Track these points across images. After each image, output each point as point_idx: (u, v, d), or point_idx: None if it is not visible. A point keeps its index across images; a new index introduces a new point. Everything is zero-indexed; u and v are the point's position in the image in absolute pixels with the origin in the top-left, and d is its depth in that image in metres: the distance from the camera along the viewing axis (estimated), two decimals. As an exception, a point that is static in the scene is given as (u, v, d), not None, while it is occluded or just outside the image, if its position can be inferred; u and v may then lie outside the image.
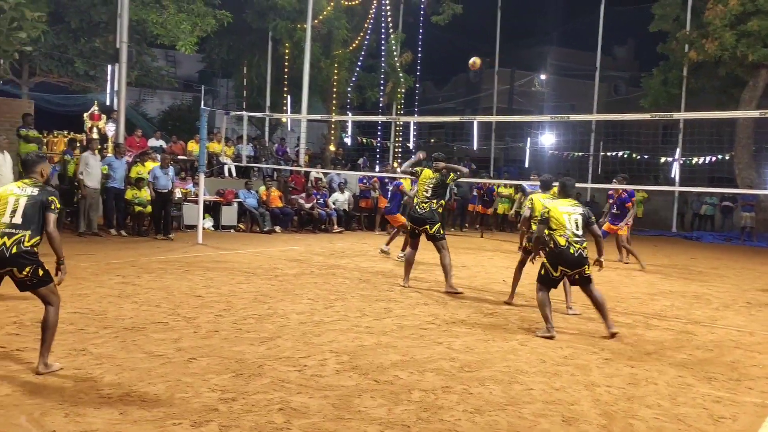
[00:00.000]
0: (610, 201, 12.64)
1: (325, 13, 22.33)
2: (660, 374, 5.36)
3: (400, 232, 12.64)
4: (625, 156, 24.15)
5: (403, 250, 12.13)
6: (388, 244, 12.60)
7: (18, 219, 4.64)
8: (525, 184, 15.31)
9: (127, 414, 3.90)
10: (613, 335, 6.42)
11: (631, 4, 28.35)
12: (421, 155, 9.69)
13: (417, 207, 8.79)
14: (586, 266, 6.47)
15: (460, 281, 9.26)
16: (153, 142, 17.62)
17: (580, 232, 6.49)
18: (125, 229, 13.46)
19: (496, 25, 29.28)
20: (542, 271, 6.64)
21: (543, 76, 38.89)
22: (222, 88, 31.89)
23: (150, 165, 13.94)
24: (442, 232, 8.70)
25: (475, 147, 29.82)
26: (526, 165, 29.39)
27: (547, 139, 31.70)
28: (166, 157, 13.55)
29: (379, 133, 26.84)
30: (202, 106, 13.73)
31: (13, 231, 4.61)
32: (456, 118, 13.67)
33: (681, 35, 22.63)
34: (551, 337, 6.33)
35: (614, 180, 12.58)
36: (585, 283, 6.53)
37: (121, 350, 5.21)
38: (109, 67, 18.09)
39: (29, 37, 13.73)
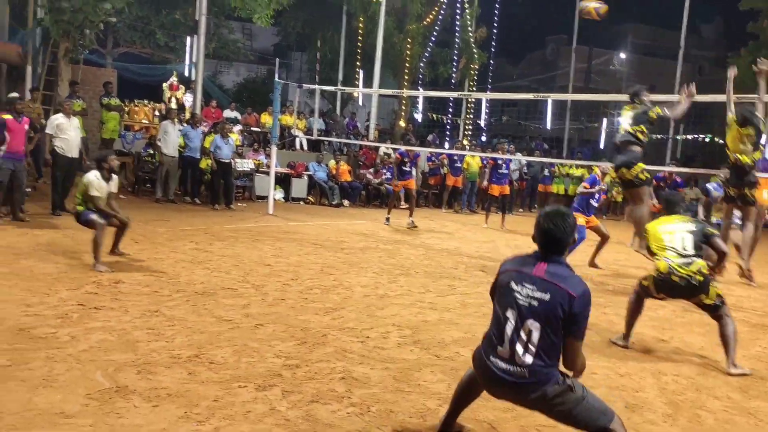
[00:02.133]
0: None
1: (400, -14, 22.17)
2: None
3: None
4: (707, 140, 23.15)
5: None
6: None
7: None
8: (711, 186, 12.61)
9: (195, 374, 4.05)
10: (729, 374, 4.99)
11: (720, -20, 27.00)
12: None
13: None
14: (704, 295, 5.11)
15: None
16: (228, 113, 18.01)
17: (689, 252, 5.14)
18: (199, 197, 13.86)
19: (575, 1, 28.36)
20: (646, 283, 5.39)
21: (622, 55, 37.57)
22: (296, 62, 32.23)
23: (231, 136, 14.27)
24: None
25: (548, 126, 29.17)
26: (601, 146, 28.56)
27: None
28: (225, 126, 13.82)
29: (450, 110, 26.59)
30: (276, 79, 13.88)
31: None
32: (530, 96, 13.37)
33: (774, 12, 21.43)
34: (625, 347, 5.45)
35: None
36: (712, 310, 5.18)
37: (192, 313, 5.40)
38: (188, 39, 18.52)
39: (114, 8, 14.18)
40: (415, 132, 25.26)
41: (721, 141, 22.36)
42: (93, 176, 7.19)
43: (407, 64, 23.69)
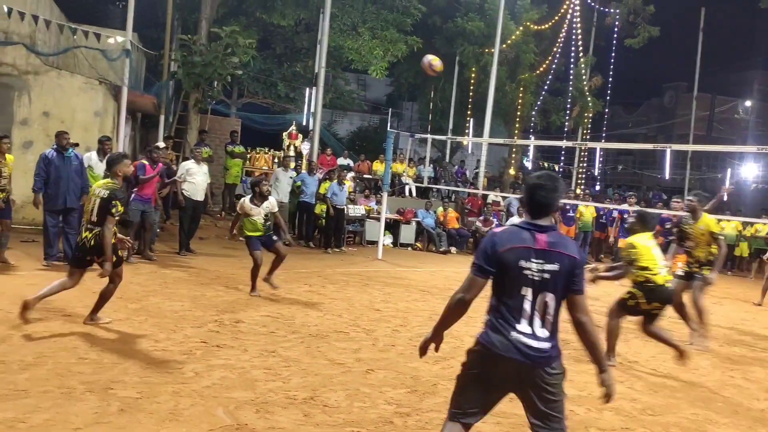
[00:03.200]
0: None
1: (513, 37, 22.29)
2: None
3: None
4: None
5: None
6: None
7: (94, 217, 5.84)
8: None
9: (311, 416, 4.16)
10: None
11: None
12: None
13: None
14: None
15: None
16: (341, 161, 18.60)
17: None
18: (313, 241, 14.29)
19: (697, 47, 27.42)
20: (632, 302, 6.10)
21: (748, 103, 35.73)
22: (407, 111, 32.90)
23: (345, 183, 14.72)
24: None
25: (666, 176, 28.05)
26: (725, 198, 27.08)
27: (750, 171, 29.01)
28: (341, 173, 14.28)
29: (561, 158, 26.17)
30: (389, 128, 14.29)
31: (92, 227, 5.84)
32: (649, 146, 13.00)
33: None
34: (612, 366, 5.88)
35: None
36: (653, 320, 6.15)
37: (307, 355, 5.55)
38: (307, 90, 19.42)
39: (241, 61, 15.15)
40: (525, 180, 25.01)
41: None
42: (245, 200, 8.33)
43: (518, 113, 23.64)
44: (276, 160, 17.17)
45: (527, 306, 3.00)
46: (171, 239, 12.06)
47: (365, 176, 18.26)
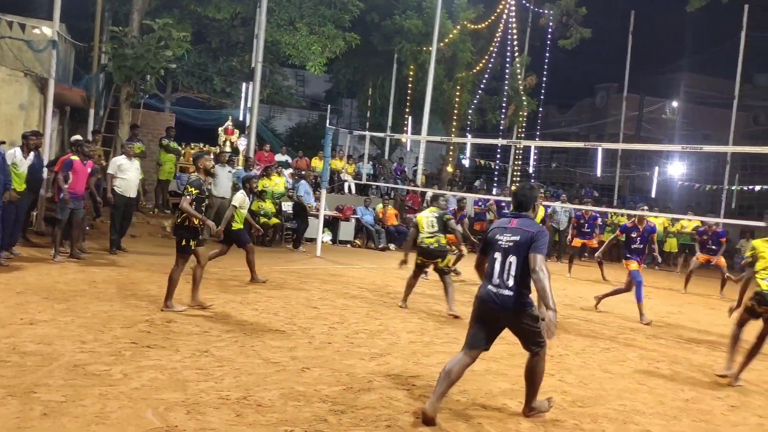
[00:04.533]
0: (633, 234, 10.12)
1: (450, 36, 22.52)
2: (794, 429, 4.95)
3: None
4: (763, 190, 22.51)
5: None
6: None
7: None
8: None
9: (243, 416, 4.09)
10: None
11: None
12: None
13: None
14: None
15: (578, 312, 8.99)
16: (279, 157, 18.41)
17: None
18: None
19: (627, 49, 28.32)
20: (750, 303, 6.15)
21: (675, 104, 37.11)
22: (346, 108, 32.80)
23: (275, 179, 14.57)
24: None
25: (598, 174, 28.87)
26: (653, 195, 28.08)
27: (677, 169, 30.15)
28: (310, 174, 14.26)
29: (498, 156, 26.61)
30: (328, 125, 14.21)
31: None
32: (580, 144, 13.29)
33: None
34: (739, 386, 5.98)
35: None
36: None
37: (240, 354, 5.46)
38: (244, 85, 19.13)
39: (174, 54, 14.77)
40: (463, 177, 25.35)
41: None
42: (242, 193, 9.25)
43: (456, 111, 23.91)
44: (211, 156, 16.82)
45: (497, 266, 4.46)
46: (101, 237, 11.69)
47: (303, 173, 18.11)
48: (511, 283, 4.35)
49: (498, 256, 4.45)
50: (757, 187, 23.00)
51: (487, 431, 4.25)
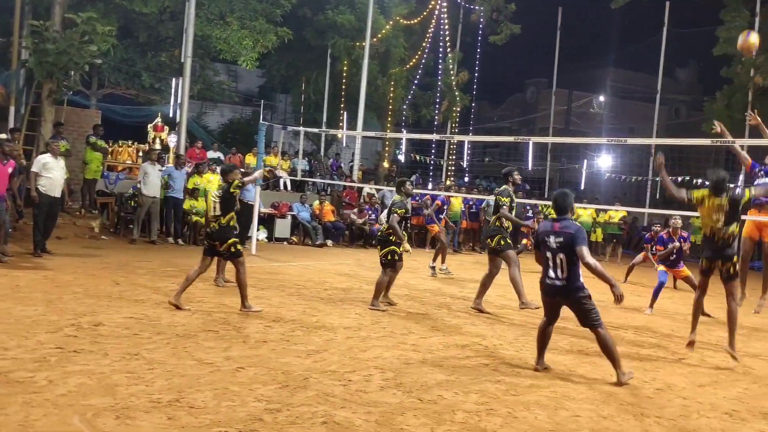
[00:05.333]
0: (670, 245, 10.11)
1: (383, 31, 22.59)
2: (713, 408, 5.18)
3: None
4: (685, 181, 23.49)
5: (434, 261, 12.22)
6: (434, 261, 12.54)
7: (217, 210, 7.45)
8: None
9: (175, 419, 4.00)
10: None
11: (694, 26, 27.72)
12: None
13: None
14: None
15: (510, 302, 9.19)
16: (211, 154, 18.08)
17: None
18: (182, 238, 13.79)
19: (555, 45, 29.04)
20: None
21: (601, 98, 38.32)
22: (280, 103, 32.51)
23: (208, 176, 14.31)
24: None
25: (529, 167, 29.53)
26: (582, 187, 28.91)
27: (604, 162, 31.15)
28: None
29: (432, 151, 26.89)
30: (261, 121, 14.03)
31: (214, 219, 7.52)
32: (511, 138, 13.53)
33: (747, 59, 21.96)
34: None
35: None
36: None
37: (173, 356, 5.34)
38: (174, 81, 18.68)
39: (99, 50, 14.28)
40: (399, 173, 25.50)
41: (699, 181, 22.77)
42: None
43: (390, 107, 24.03)
44: (141, 154, 16.40)
45: (550, 262, 5.62)
46: (25, 239, 11.21)
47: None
48: (561, 275, 5.55)
49: (549, 254, 5.59)
50: (680, 178, 23.96)
51: (423, 423, 4.28)
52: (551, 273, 5.61)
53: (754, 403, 5.42)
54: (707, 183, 6.93)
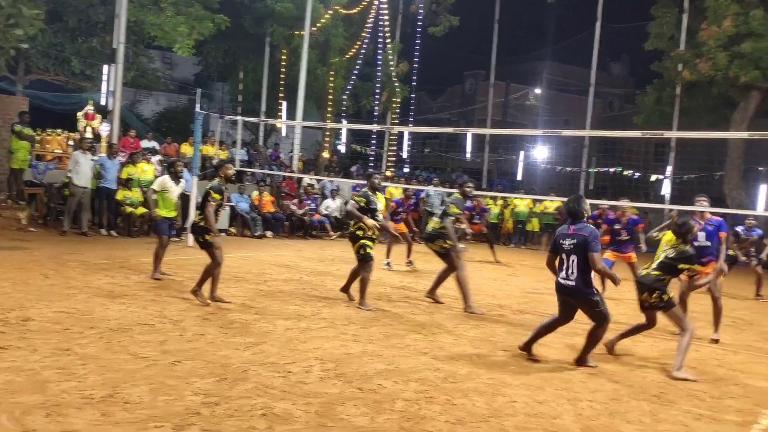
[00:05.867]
0: (617, 226, 10.23)
1: (323, 20, 22.41)
2: (643, 391, 5.39)
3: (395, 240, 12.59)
4: (617, 172, 24.24)
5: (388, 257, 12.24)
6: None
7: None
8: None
9: (109, 415, 3.90)
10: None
11: (627, 21, 28.55)
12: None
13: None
14: None
15: (450, 292, 9.30)
16: (146, 143, 17.61)
17: None
18: (116, 230, 13.41)
19: (493, 38, 29.44)
20: None
21: (538, 91, 39.07)
22: (218, 92, 31.93)
23: (142, 166, 13.95)
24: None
25: (468, 158, 29.93)
26: (519, 178, 29.48)
27: (540, 153, 31.82)
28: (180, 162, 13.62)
29: (373, 142, 26.90)
30: (197, 109, 13.72)
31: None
32: (450, 129, 13.66)
33: (675, 54, 22.79)
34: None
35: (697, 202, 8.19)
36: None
37: (106, 351, 5.20)
38: (105, 67, 18.06)
39: (26, 34, 13.70)
40: (339, 163, 25.43)
41: (626, 172, 23.46)
42: (165, 177, 9.17)
43: (330, 97, 23.90)
44: (71, 143, 15.82)
45: (564, 263, 5.84)
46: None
47: (172, 159, 17.45)
48: (573, 275, 5.76)
49: (564, 256, 5.85)
50: (612, 169, 24.72)
51: (363, 412, 4.31)
52: (563, 273, 5.84)
53: (680, 385, 5.66)
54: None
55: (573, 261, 5.74)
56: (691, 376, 5.87)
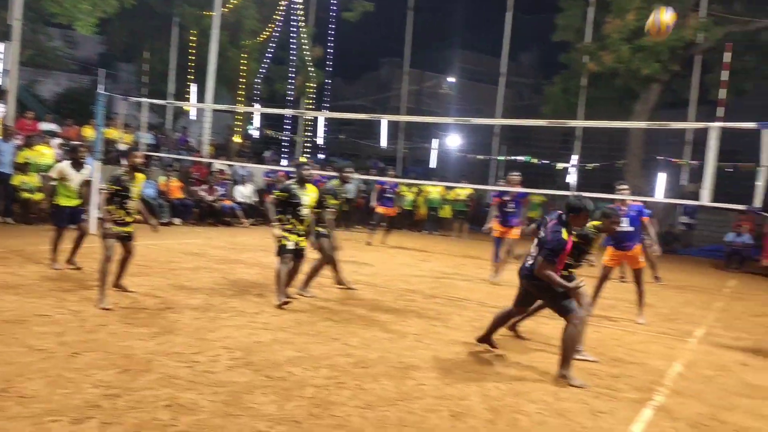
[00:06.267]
0: (506, 198, 10.62)
1: (234, 1, 21.87)
2: (546, 372, 5.60)
3: None
4: (526, 160, 24.97)
5: None
6: None
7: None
8: None
9: (4, 410, 3.71)
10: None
11: (536, 12, 29.31)
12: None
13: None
14: None
15: (363, 278, 9.33)
16: (45, 126, 16.71)
17: None
18: (12, 216, 12.69)
19: (407, 25, 29.57)
20: None
21: (451, 79, 39.64)
22: (123, 73, 30.63)
23: (41, 149, 13.25)
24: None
25: (383, 145, 30.04)
26: (432, 165, 29.88)
27: (453, 141, 32.36)
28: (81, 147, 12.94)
29: (287, 127, 26.57)
30: (101, 91, 13.11)
31: None
32: (364, 116, 13.61)
33: (582, 46, 23.63)
34: None
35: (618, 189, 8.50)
36: None
37: (0, 343, 4.93)
38: (0, 45, 17.00)
39: None
40: (251, 148, 24.99)
41: (534, 160, 24.21)
42: (64, 164, 8.68)
43: (243, 80, 23.40)
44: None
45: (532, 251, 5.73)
46: None
47: (73, 143, 16.63)
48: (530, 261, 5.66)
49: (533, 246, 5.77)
50: (521, 158, 25.44)
51: (272, 400, 4.27)
52: (528, 260, 5.72)
53: (581, 365, 5.91)
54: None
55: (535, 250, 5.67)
56: (591, 357, 6.14)
